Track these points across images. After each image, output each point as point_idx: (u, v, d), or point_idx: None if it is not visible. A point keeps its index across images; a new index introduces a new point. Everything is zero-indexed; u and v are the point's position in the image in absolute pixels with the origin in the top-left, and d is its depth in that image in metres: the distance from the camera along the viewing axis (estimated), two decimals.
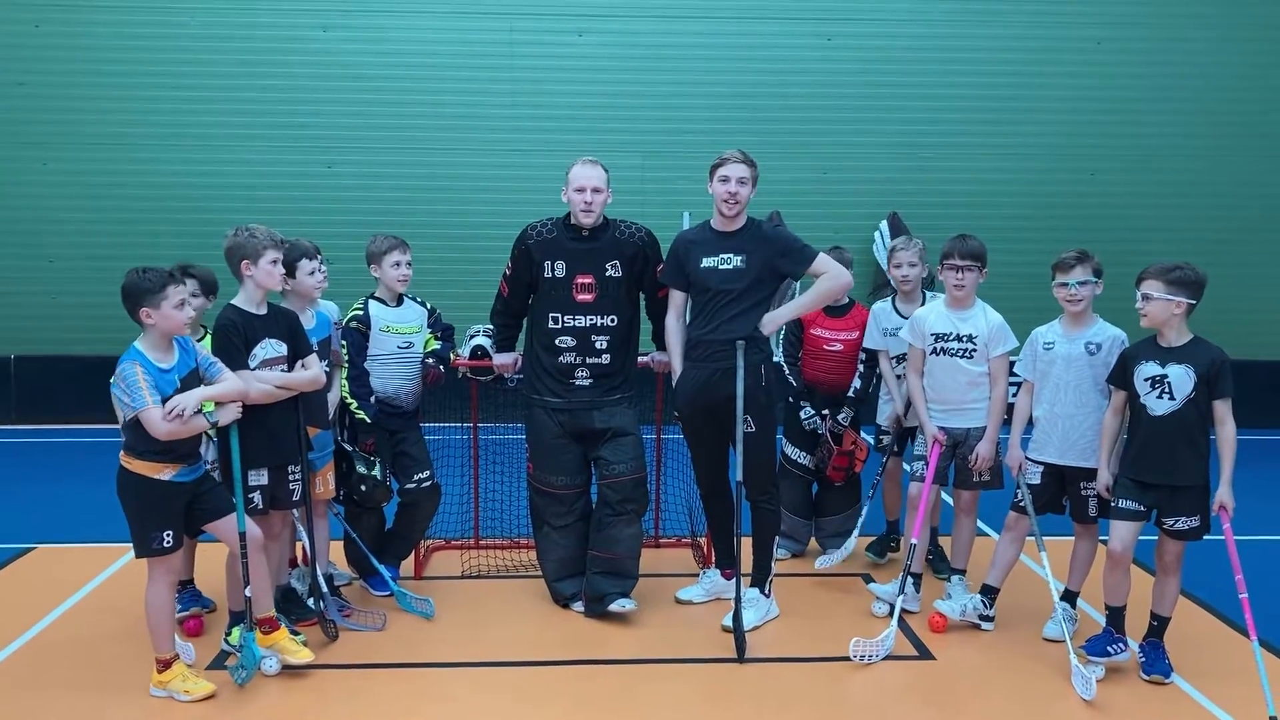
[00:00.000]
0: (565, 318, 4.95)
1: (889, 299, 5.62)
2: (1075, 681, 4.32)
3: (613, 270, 4.97)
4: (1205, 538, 4.42)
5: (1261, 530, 6.68)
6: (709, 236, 4.92)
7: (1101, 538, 4.68)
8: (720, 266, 4.83)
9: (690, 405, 4.95)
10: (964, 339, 4.92)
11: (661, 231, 5.18)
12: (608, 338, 4.99)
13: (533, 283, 5.03)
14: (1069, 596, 4.90)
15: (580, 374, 4.98)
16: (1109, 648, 4.45)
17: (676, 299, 5.02)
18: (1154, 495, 4.34)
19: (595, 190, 4.86)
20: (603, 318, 4.97)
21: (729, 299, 4.80)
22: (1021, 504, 4.80)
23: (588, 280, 4.93)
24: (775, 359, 5.18)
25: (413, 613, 5.01)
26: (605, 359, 4.99)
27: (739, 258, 4.82)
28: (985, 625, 4.92)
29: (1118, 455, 4.53)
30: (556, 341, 4.96)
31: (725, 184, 4.79)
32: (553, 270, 4.94)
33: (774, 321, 4.91)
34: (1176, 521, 4.34)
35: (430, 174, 10.13)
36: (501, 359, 5.30)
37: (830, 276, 4.91)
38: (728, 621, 4.77)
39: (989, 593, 4.92)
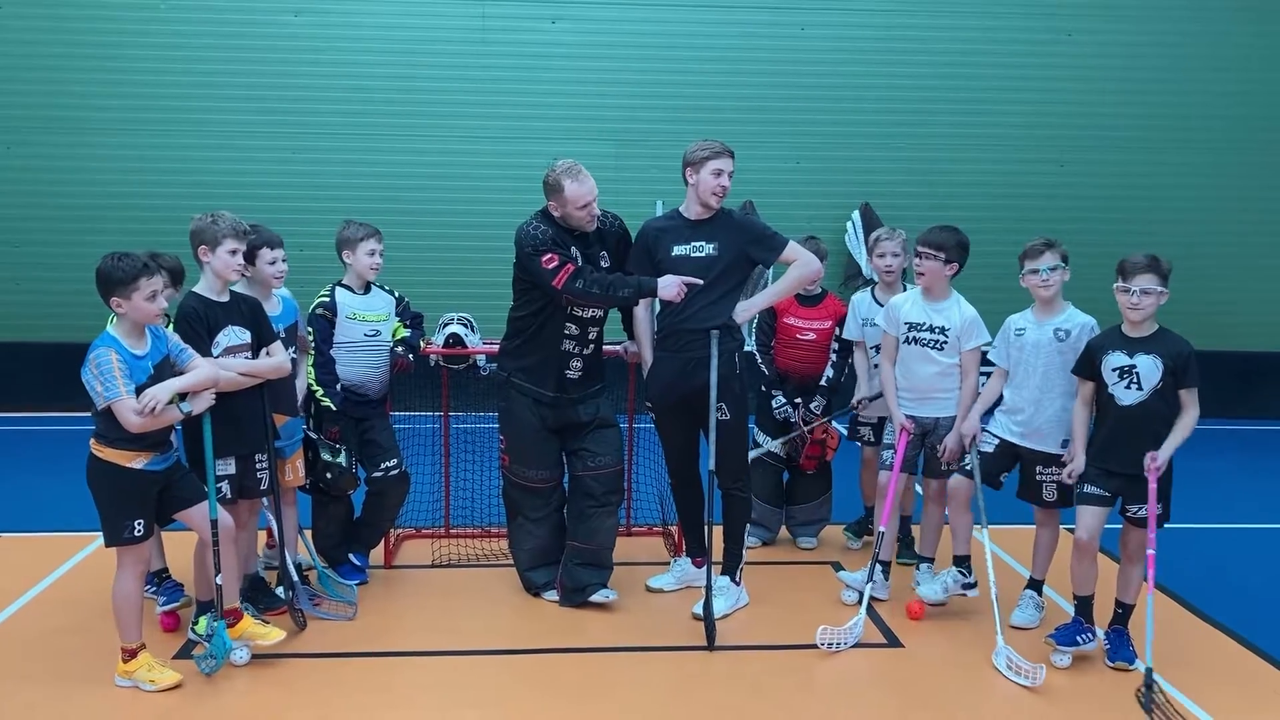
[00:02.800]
0: (574, 308, 4.88)
1: (869, 289, 5.64)
2: (997, 660, 4.37)
3: (604, 262, 4.96)
4: (1168, 526, 4.47)
5: (1223, 519, 6.81)
6: (680, 224, 4.91)
7: (1068, 526, 4.72)
8: (693, 254, 4.83)
9: (664, 395, 4.95)
10: (936, 330, 4.94)
11: (634, 220, 5.16)
12: (596, 329, 4.99)
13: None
14: (1034, 585, 4.94)
15: (574, 364, 4.95)
16: (1078, 637, 4.49)
17: None
18: (1118, 482, 4.39)
19: (595, 201, 4.80)
20: (597, 309, 4.94)
21: (702, 287, 4.79)
22: (967, 468, 4.83)
23: None
24: (748, 348, 5.19)
25: (334, 598, 4.95)
26: (590, 349, 4.99)
27: (711, 245, 4.82)
28: (970, 593, 4.93)
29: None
30: (563, 330, 4.90)
31: (718, 177, 4.78)
32: (576, 258, 4.82)
33: (748, 310, 4.92)
34: (1140, 509, 4.38)
35: (400, 161, 10.04)
36: (672, 287, 4.74)
37: (801, 264, 4.92)
38: (698, 609, 4.78)
39: (962, 562, 4.96)
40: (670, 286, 4.73)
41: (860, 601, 4.86)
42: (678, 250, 4.85)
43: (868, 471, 5.82)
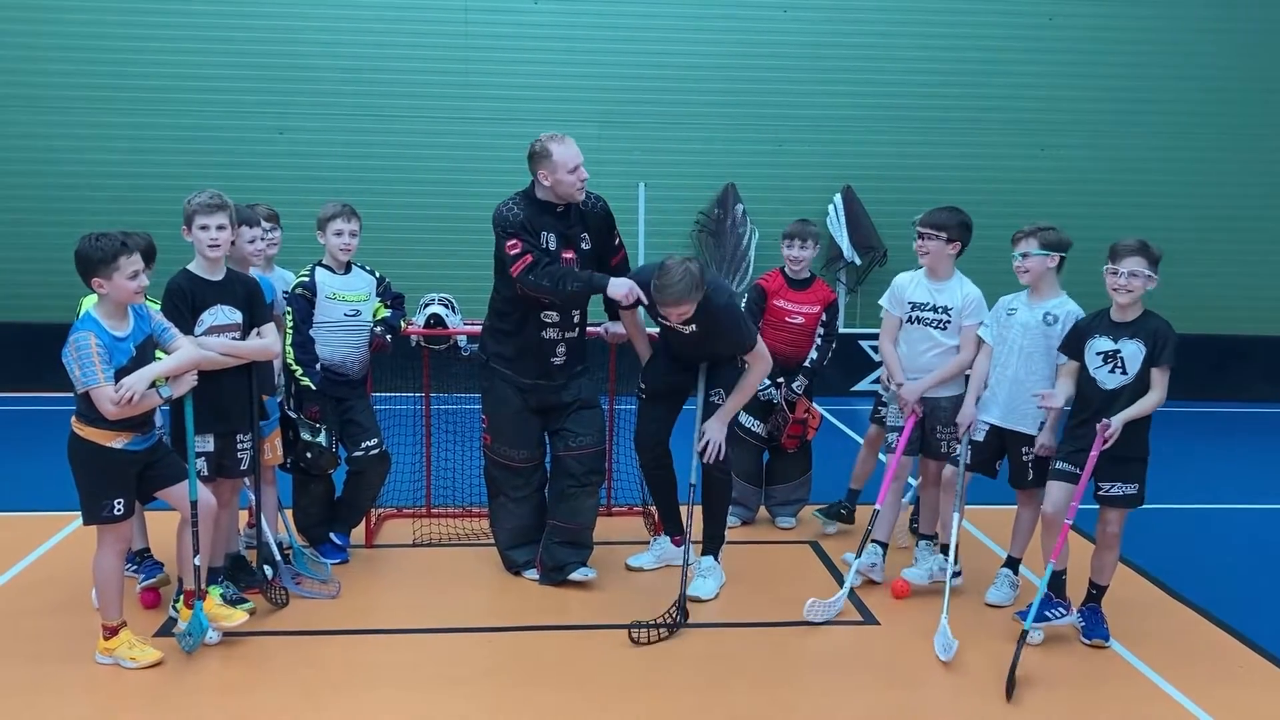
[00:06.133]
0: None
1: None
2: (936, 640, 4.42)
3: (585, 244, 4.93)
4: (1143, 507, 4.52)
5: (1197, 500, 6.89)
6: None
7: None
8: (678, 328, 4.80)
9: (659, 381, 5.04)
10: (939, 310, 4.98)
11: (617, 202, 5.16)
12: (579, 312, 4.99)
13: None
14: (1011, 563, 4.99)
15: (559, 350, 4.93)
16: (1047, 612, 4.52)
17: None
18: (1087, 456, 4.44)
19: (583, 163, 4.77)
20: None
21: (690, 349, 4.90)
22: (955, 456, 4.91)
23: (570, 256, 4.85)
24: None
25: (305, 574, 4.97)
26: (575, 332, 4.99)
27: (690, 327, 4.77)
28: (955, 581, 4.95)
29: (1062, 424, 4.64)
30: (542, 316, 4.87)
31: (681, 317, 4.62)
32: (547, 242, 4.81)
33: (725, 420, 4.91)
34: (1112, 487, 4.43)
35: (383, 141, 10.01)
36: (624, 287, 4.72)
37: (759, 372, 4.93)
38: (691, 591, 4.82)
39: (948, 550, 4.99)
40: (621, 287, 4.72)
41: (842, 581, 4.93)
42: (664, 321, 4.82)
43: (867, 448, 5.88)
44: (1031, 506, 4.90)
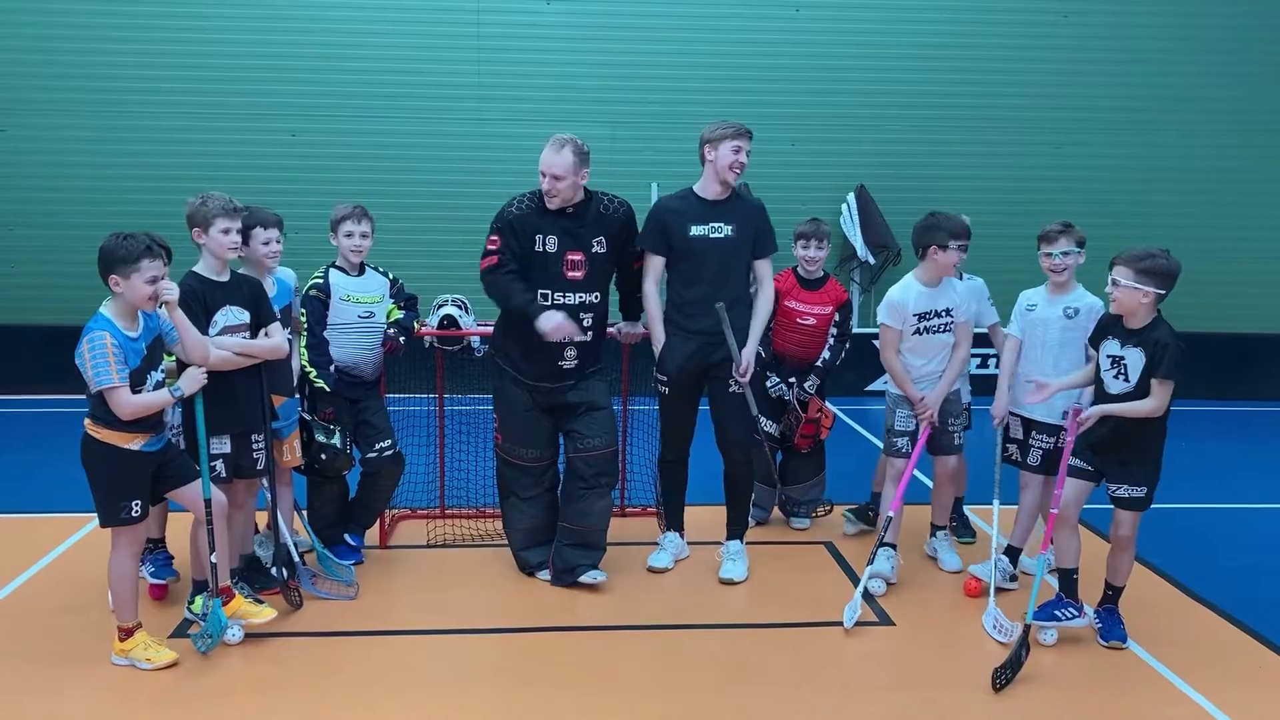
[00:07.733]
0: (556, 295, 4.83)
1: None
2: (986, 621, 4.57)
3: (599, 246, 4.90)
4: (1155, 508, 4.49)
5: (1216, 499, 6.84)
6: (695, 205, 4.96)
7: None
8: (711, 235, 4.93)
9: (680, 371, 5.03)
10: (942, 313, 5.01)
11: (631, 203, 5.15)
12: (593, 315, 4.96)
13: (522, 254, 4.83)
14: (1011, 552, 5.01)
15: (569, 354, 4.92)
16: (1057, 612, 4.51)
17: (655, 265, 5.01)
18: (1103, 461, 4.43)
19: (555, 178, 4.71)
20: (589, 295, 4.90)
21: (720, 265, 4.92)
22: (957, 443, 5.04)
23: (578, 257, 4.85)
24: None
25: (333, 577, 4.98)
26: (589, 336, 4.97)
27: (729, 227, 4.94)
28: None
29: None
30: None
31: (737, 154, 4.90)
32: (544, 244, 4.81)
33: (754, 345, 5.02)
34: (1119, 489, 4.43)
35: (396, 142, 10.02)
36: (552, 322, 4.69)
37: (767, 294, 5.11)
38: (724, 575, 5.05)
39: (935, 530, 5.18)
40: (548, 323, 4.66)
41: (860, 584, 4.91)
42: (696, 231, 4.91)
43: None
44: (1034, 490, 4.99)
